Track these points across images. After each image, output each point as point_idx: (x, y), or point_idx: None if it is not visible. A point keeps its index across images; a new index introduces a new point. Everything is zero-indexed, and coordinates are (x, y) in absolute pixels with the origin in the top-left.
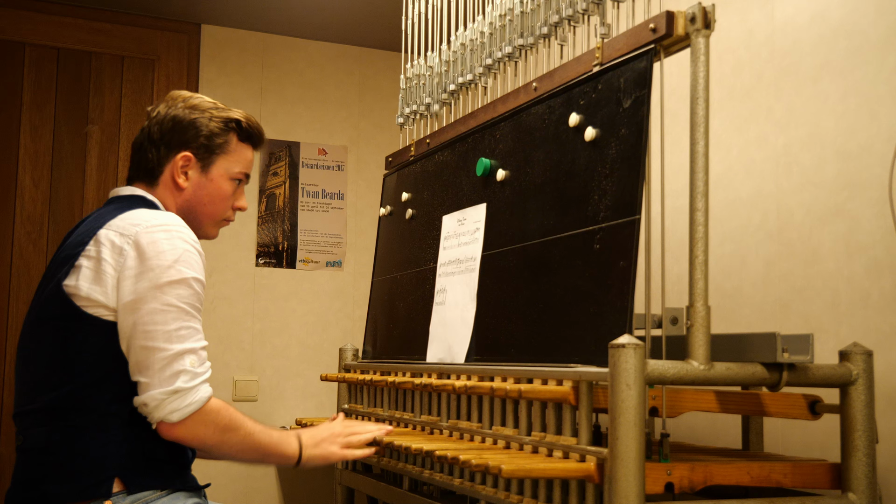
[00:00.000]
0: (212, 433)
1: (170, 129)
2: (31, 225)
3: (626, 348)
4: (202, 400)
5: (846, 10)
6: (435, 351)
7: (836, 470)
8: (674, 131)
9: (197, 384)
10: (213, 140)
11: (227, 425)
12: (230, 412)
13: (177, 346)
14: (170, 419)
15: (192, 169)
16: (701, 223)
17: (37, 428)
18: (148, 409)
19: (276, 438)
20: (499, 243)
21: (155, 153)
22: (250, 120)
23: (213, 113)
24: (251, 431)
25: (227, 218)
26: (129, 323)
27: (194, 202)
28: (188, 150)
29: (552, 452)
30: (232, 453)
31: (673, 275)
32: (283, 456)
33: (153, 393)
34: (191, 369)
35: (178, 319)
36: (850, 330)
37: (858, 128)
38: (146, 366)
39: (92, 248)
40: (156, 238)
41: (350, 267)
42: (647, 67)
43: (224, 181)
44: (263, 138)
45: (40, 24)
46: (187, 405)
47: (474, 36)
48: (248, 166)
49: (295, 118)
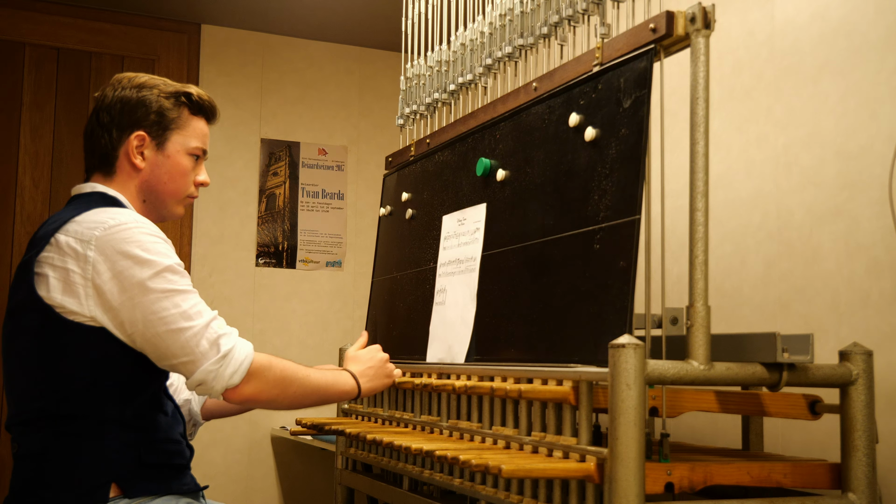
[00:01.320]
0: (273, 384)
1: (119, 110)
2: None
3: (626, 348)
4: (251, 353)
5: (846, 10)
6: (435, 351)
7: (836, 470)
8: (674, 131)
9: (237, 342)
10: (165, 116)
11: (283, 372)
12: (280, 360)
13: (198, 320)
14: (234, 382)
15: (147, 148)
16: (701, 223)
17: (30, 436)
18: (208, 385)
19: (330, 378)
20: (499, 243)
21: (107, 137)
22: (201, 93)
23: (162, 88)
24: (306, 375)
25: (190, 195)
26: (137, 319)
27: (154, 182)
28: (141, 130)
29: (552, 452)
30: (296, 401)
31: (673, 275)
32: (342, 392)
33: (205, 367)
34: (223, 332)
35: (187, 299)
36: (850, 330)
37: (858, 128)
38: (180, 347)
39: (55, 255)
40: (120, 238)
41: (350, 267)
42: (647, 67)
43: (181, 157)
44: (216, 111)
45: (40, 24)
46: (241, 362)
47: (474, 36)
48: (203, 140)
49: (295, 118)
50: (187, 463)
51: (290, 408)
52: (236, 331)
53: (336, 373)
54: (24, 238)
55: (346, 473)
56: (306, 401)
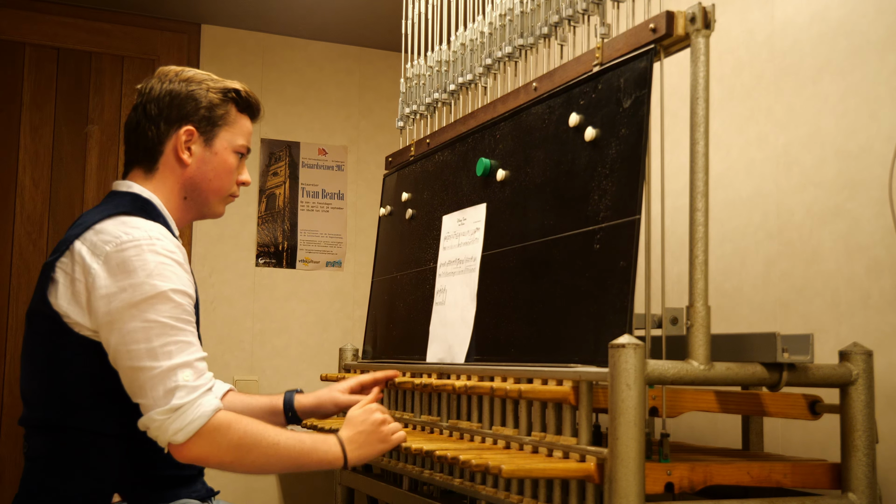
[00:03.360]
0: (226, 450)
1: (167, 104)
2: (31, 225)
3: (626, 348)
4: (206, 414)
5: (846, 10)
6: (435, 351)
7: (836, 470)
8: (674, 131)
9: (196, 397)
10: (215, 111)
11: (242, 439)
12: (244, 423)
13: (164, 362)
14: (176, 440)
15: (195, 143)
16: (701, 223)
17: (38, 438)
18: (151, 433)
19: (308, 445)
20: (499, 243)
21: (154, 130)
22: (248, 90)
23: (210, 84)
24: (275, 442)
25: (232, 193)
26: (112, 345)
27: (199, 178)
28: (190, 124)
29: (552, 452)
30: (258, 468)
31: (673, 275)
32: (322, 462)
33: (152, 414)
34: (186, 384)
35: (163, 335)
36: (850, 330)
37: (858, 128)
38: (139, 386)
39: (68, 262)
40: (125, 257)
41: (350, 267)
42: (647, 67)
43: (228, 154)
44: (261, 109)
45: (40, 24)
46: (190, 422)
47: (474, 36)
48: (248, 138)
49: (295, 118)
50: (199, 472)
51: (254, 473)
52: (207, 384)
53: (318, 438)
54: (24, 238)
55: (346, 473)
56: (272, 468)
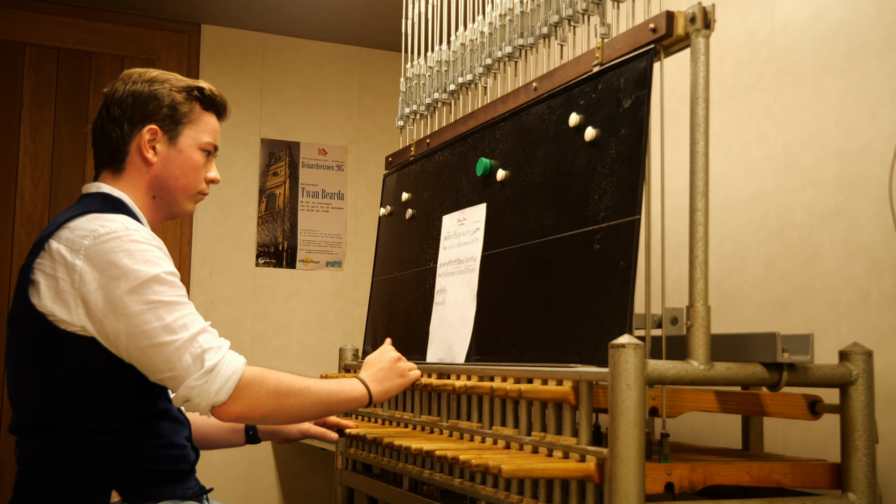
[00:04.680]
0: (266, 399)
1: (130, 104)
2: (31, 225)
3: (626, 348)
4: (240, 368)
5: (846, 10)
6: (435, 351)
7: (836, 470)
8: (674, 131)
9: (224, 356)
10: (177, 110)
11: (277, 386)
12: (275, 373)
13: (184, 333)
14: (219, 399)
15: (159, 142)
16: (701, 223)
17: (31, 442)
18: (193, 402)
19: (335, 386)
20: (499, 243)
21: (118, 132)
22: (212, 88)
23: (173, 83)
24: (306, 386)
25: (201, 191)
26: (120, 332)
27: (165, 177)
28: (153, 123)
29: (552, 452)
30: (297, 414)
31: (673, 275)
32: (351, 401)
33: (189, 382)
34: (210, 346)
35: (173, 311)
36: (850, 330)
37: (858, 128)
38: (164, 361)
39: (47, 262)
40: (107, 248)
41: (350, 267)
42: (647, 67)
43: (193, 151)
44: (227, 107)
45: (40, 24)
46: (228, 378)
47: (474, 36)
48: (215, 136)
49: (295, 118)
50: (192, 467)
51: (292, 421)
52: (227, 343)
53: (342, 381)
54: (24, 238)
55: (347, 473)
56: (308, 412)
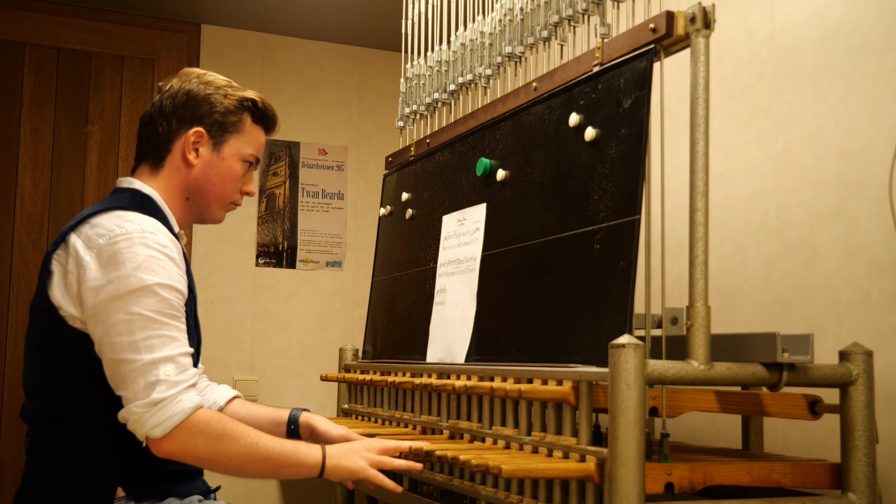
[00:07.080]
0: (204, 446)
1: (183, 103)
2: (31, 225)
3: (626, 348)
4: (185, 411)
5: (846, 10)
6: (435, 351)
7: (836, 470)
8: (674, 131)
9: (176, 393)
10: (228, 118)
11: (221, 436)
12: (224, 422)
13: (146, 355)
14: (153, 435)
15: (203, 146)
16: (701, 223)
17: (39, 431)
18: (130, 427)
19: (289, 448)
20: (499, 243)
21: (165, 126)
22: (266, 101)
23: (228, 91)
24: (254, 441)
25: (234, 201)
26: (97, 336)
27: (203, 181)
28: (201, 126)
29: (552, 452)
30: (236, 466)
31: (673, 275)
32: (301, 465)
33: (131, 407)
34: (167, 378)
35: (145, 328)
36: (850, 330)
37: (858, 128)
38: (121, 379)
39: (62, 253)
40: (116, 249)
41: (350, 267)
42: (647, 67)
43: (235, 161)
44: (277, 122)
45: (40, 24)
46: (168, 417)
47: (474, 36)
48: (259, 149)
49: (295, 118)
50: (200, 469)
51: (231, 474)
52: (189, 380)
53: (300, 444)
54: (24, 238)
55: None
56: (250, 469)
